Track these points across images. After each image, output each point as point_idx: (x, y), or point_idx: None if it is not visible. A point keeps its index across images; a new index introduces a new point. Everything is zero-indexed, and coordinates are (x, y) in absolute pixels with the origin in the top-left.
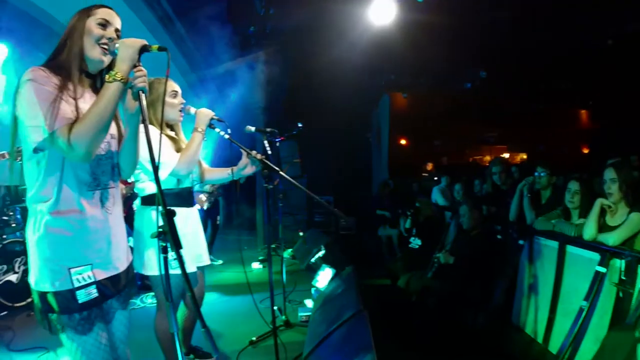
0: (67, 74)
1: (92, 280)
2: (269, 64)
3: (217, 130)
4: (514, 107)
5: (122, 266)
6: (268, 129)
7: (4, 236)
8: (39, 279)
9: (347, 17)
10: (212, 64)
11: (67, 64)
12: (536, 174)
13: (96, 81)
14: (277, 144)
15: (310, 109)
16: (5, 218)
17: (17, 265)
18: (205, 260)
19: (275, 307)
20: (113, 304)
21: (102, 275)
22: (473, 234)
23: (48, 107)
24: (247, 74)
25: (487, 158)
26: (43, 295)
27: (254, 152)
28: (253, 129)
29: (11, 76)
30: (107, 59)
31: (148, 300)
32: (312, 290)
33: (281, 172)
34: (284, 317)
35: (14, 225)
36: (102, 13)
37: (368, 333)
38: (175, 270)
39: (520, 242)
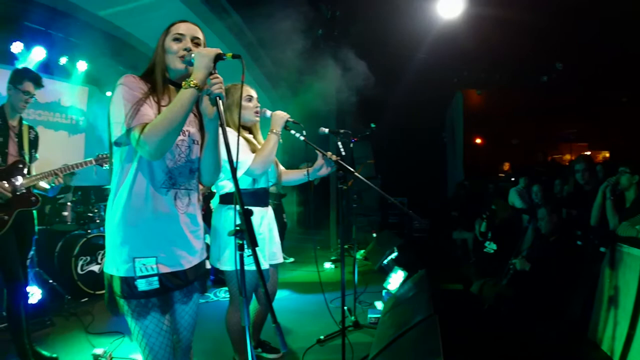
0: (154, 84)
1: (155, 272)
2: (339, 66)
3: (292, 132)
4: (595, 101)
5: (188, 264)
6: (341, 130)
7: (89, 231)
8: (107, 263)
9: (414, 13)
10: (283, 69)
11: (154, 75)
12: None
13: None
14: (351, 145)
15: (382, 109)
16: (90, 215)
17: (99, 257)
18: (279, 258)
19: (345, 308)
20: (176, 296)
21: (165, 269)
22: (552, 239)
23: (131, 107)
24: (318, 77)
25: (567, 157)
26: (110, 278)
27: (329, 154)
28: (327, 130)
29: (93, 88)
30: (190, 69)
31: (221, 294)
32: (383, 292)
33: (355, 173)
34: (353, 317)
35: (98, 221)
36: (175, 29)
37: (437, 339)
38: (249, 267)
39: (602, 249)
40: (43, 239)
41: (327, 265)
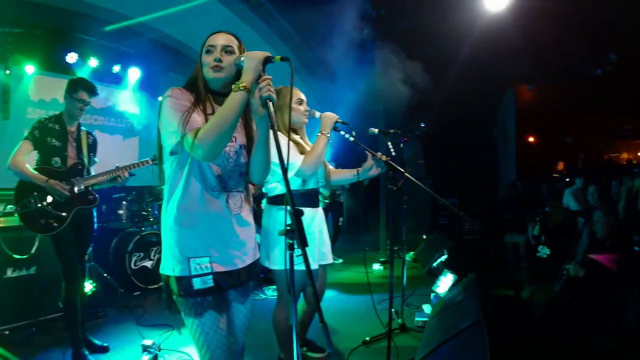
0: (198, 94)
1: (209, 271)
2: (386, 64)
3: (341, 132)
4: None
5: (241, 263)
6: (391, 130)
7: (143, 229)
8: (164, 264)
9: (460, 9)
10: (330, 70)
11: (197, 86)
12: None
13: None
14: (401, 145)
15: (432, 108)
16: (144, 213)
17: (152, 253)
18: (328, 258)
19: (392, 310)
20: (231, 295)
21: (219, 268)
22: (607, 243)
23: (181, 116)
24: (365, 77)
25: (625, 155)
26: (166, 278)
27: (378, 154)
28: (376, 130)
29: (144, 95)
30: (221, 74)
31: (270, 292)
32: (432, 295)
33: (406, 174)
34: (400, 320)
35: (151, 219)
36: (208, 41)
37: (485, 346)
38: (298, 267)
39: None
40: (99, 235)
41: (376, 266)
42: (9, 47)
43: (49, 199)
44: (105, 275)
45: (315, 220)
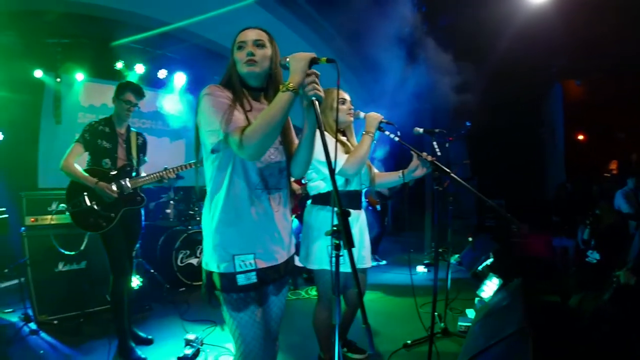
0: (235, 91)
1: (253, 267)
2: (429, 63)
3: (386, 133)
4: None
5: (281, 258)
6: (436, 130)
7: (190, 227)
8: (208, 261)
9: (503, 1)
10: (374, 70)
11: (232, 84)
12: None
13: (266, 94)
14: (446, 145)
15: (477, 106)
16: (191, 212)
17: (198, 251)
18: (367, 262)
19: (435, 313)
20: (269, 289)
21: (262, 264)
22: None
23: (222, 114)
24: (409, 76)
25: None
26: (209, 274)
27: (424, 154)
28: (421, 130)
29: (190, 99)
30: (255, 69)
31: (313, 292)
32: (476, 300)
33: (452, 174)
34: (442, 324)
35: (198, 218)
36: (237, 39)
37: (528, 354)
38: (340, 267)
39: None
40: (147, 233)
41: (420, 268)
42: (58, 56)
43: (99, 199)
44: (152, 271)
45: (357, 222)
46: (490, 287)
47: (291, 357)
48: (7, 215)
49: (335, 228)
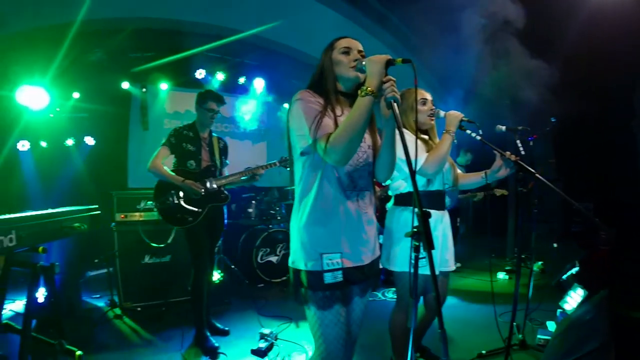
0: (327, 96)
1: (340, 266)
2: (511, 57)
3: (467, 131)
4: None
5: (367, 259)
6: (519, 127)
7: (270, 226)
8: (296, 259)
9: None
10: (451, 67)
11: (325, 88)
12: None
13: (353, 100)
14: (530, 143)
15: (562, 101)
16: (272, 212)
17: (278, 249)
18: (451, 265)
19: (514, 324)
20: (354, 290)
21: (348, 264)
22: None
23: (312, 119)
24: (488, 71)
25: None
26: (297, 272)
27: (507, 153)
28: (504, 128)
29: (269, 103)
30: (362, 76)
31: (389, 294)
32: (558, 312)
33: (536, 174)
34: (520, 336)
35: (279, 218)
36: (342, 43)
37: None
38: (421, 270)
39: None
40: (229, 230)
41: (501, 275)
42: (143, 69)
43: (185, 196)
44: (232, 267)
45: (440, 224)
46: (574, 299)
47: (363, 358)
48: (99, 212)
49: (415, 229)
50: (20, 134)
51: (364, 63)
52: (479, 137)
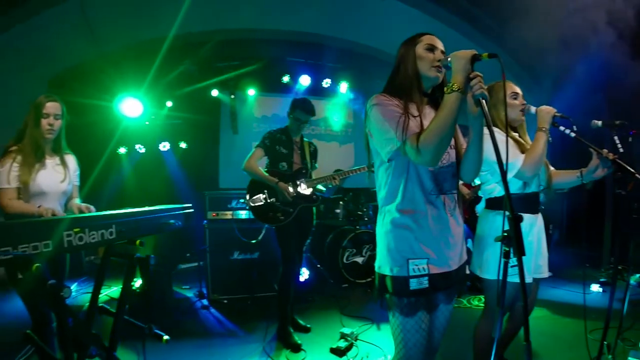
0: (407, 94)
1: (426, 272)
2: (607, 46)
3: (561, 128)
4: None
5: (454, 265)
6: (617, 122)
7: (357, 227)
8: (382, 264)
9: None
10: (539, 60)
11: (404, 85)
12: None
13: (434, 98)
14: (629, 140)
15: None
16: (360, 213)
17: (364, 250)
18: (544, 272)
19: (605, 342)
20: (439, 297)
21: (435, 270)
22: None
23: (396, 122)
24: (580, 61)
25: None
26: (382, 277)
27: (604, 151)
28: (600, 123)
29: (355, 104)
30: (441, 76)
31: (475, 302)
32: None
33: (637, 175)
34: (610, 356)
35: (366, 219)
36: (427, 39)
37: None
38: (512, 278)
39: None
40: (317, 230)
41: (595, 287)
42: (231, 76)
43: (277, 196)
44: (319, 266)
45: (534, 228)
46: None
47: None
48: (192, 210)
49: (505, 234)
50: (119, 140)
51: (449, 59)
52: (573, 134)
